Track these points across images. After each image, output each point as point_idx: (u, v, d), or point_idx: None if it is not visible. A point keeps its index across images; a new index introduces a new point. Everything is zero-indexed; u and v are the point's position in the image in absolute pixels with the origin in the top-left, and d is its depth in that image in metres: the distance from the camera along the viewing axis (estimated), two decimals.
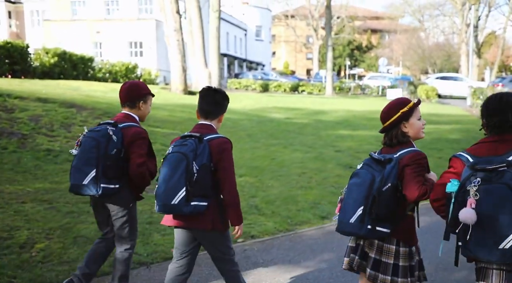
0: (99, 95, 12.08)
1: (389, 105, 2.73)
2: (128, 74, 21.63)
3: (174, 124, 10.07)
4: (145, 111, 3.25)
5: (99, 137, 2.99)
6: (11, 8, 42.84)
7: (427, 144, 11.34)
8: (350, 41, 65.09)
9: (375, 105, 20.67)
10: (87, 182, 2.96)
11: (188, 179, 2.64)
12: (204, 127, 2.92)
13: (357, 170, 2.61)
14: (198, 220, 2.77)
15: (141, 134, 3.10)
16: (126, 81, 3.31)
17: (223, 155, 2.79)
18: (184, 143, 2.74)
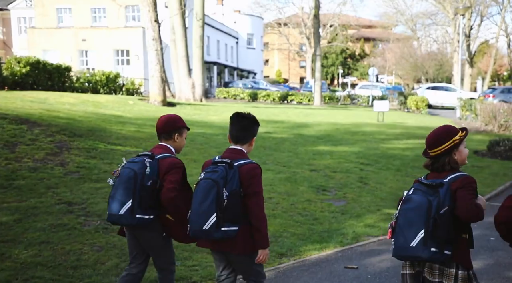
0: (64, 108, 11.45)
1: (439, 132, 2.83)
2: (110, 83, 20.97)
3: (138, 141, 9.43)
4: (181, 143, 3.37)
5: (137, 169, 3.08)
6: None
7: (409, 162, 10.77)
8: (343, 49, 64.83)
9: (362, 116, 20.15)
10: (124, 212, 3.06)
11: (219, 205, 2.76)
12: (235, 152, 3.04)
13: (409, 196, 2.70)
14: (229, 244, 2.89)
15: (176, 164, 3.17)
16: (163, 114, 3.46)
17: (253, 181, 2.88)
18: (215, 170, 2.85)
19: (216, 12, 50.97)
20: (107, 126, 10.15)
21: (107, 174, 7.26)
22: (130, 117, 12.15)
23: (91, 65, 32.79)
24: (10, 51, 41.57)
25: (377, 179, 9.07)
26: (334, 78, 67.24)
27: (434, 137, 2.81)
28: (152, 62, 16.22)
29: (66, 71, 18.15)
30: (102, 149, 8.32)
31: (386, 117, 19.19)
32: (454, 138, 2.76)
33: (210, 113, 16.34)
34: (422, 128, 17.19)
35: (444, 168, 2.76)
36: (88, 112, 11.53)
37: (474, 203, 2.61)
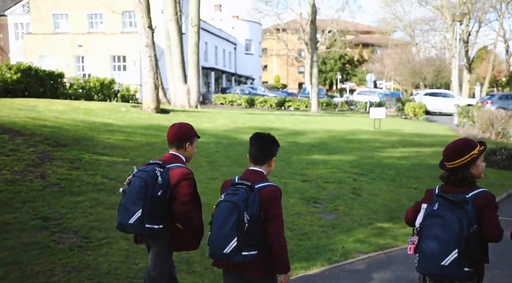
0: (52, 116, 11.21)
1: (458, 145, 2.83)
2: (104, 90, 20.75)
3: (126, 150, 9.19)
4: (191, 152, 3.36)
5: (148, 178, 3.08)
6: None
7: (404, 171, 10.53)
8: (341, 55, 64.76)
9: (358, 123, 19.92)
10: (133, 221, 3.08)
11: (240, 229, 2.75)
12: (254, 173, 3.01)
13: (436, 211, 2.67)
14: (247, 267, 2.86)
15: (187, 175, 3.16)
16: (175, 123, 3.44)
17: (272, 204, 2.87)
18: (236, 192, 2.83)
19: (214, 18, 50.89)
20: (95, 134, 9.92)
21: (89, 186, 7.03)
22: (120, 125, 11.92)
23: (87, 71, 32.62)
24: (7, 57, 41.38)
25: (370, 190, 8.83)
26: (332, 84, 67.13)
27: (452, 150, 2.83)
28: (145, 68, 16.01)
29: (59, 78, 17.93)
30: (86, 160, 8.08)
31: (383, 124, 18.97)
32: (472, 152, 2.78)
33: (204, 120, 16.12)
34: (419, 135, 16.98)
35: (462, 183, 2.77)
36: (76, 120, 11.30)
37: (499, 222, 2.67)
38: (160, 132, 12.01)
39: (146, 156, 9.22)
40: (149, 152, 9.52)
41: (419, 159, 12.05)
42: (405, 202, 8.22)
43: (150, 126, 12.72)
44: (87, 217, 5.83)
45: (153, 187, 3.06)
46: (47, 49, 32.87)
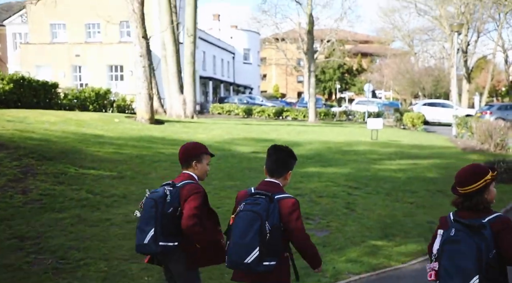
0: (41, 127, 11.00)
1: (471, 171, 2.83)
2: (99, 100, 20.58)
3: (114, 164, 8.96)
4: (202, 170, 3.37)
5: (157, 198, 3.14)
6: None
7: (400, 185, 10.29)
8: (340, 64, 64.76)
9: (356, 134, 19.71)
10: (147, 241, 3.11)
11: (262, 239, 2.77)
12: (271, 185, 3.04)
13: (453, 237, 2.66)
14: (265, 277, 2.89)
15: (195, 189, 3.19)
16: (184, 143, 3.51)
17: (293, 216, 2.91)
18: (257, 202, 2.86)
19: (213, 27, 50.91)
20: (83, 147, 9.70)
21: (73, 202, 6.80)
22: (111, 136, 11.71)
23: (84, 80, 32.48)
24: (5, 67, 41.33)
25: (365, 205, 8.59)
26: (332, 93, 67.07)
27: (466, 175, 2.82)
28: (139, 78, 15.85)
29: (53, 88, 17.75)
30: (72, 174, 7.85)
31: (381, 135, 18.76)
32: (486, 177, 2.79)
33: (199, 131, 15.91)
34: (417, 147, 16.75)
35: (478, 208, 2.78)
36: (66, 132, 11.09)
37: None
38: (151, 144, 11.80)
39: (135, 170, 9.01)
40: (138, 165, 9.30)
41: (416, 172, 11.81)
42: (400, 217, 7.98)
43: (142, 137, 12.50)
44: (67, 236, 5.60)
45: (163, 206, 3.12)
46: (44, 59, 32.76)
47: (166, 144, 12.07)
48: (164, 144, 12.05)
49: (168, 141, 12.62)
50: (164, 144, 12.10)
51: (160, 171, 9.31)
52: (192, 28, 20.52)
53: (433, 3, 50.00)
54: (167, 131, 14.64)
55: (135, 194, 7.67)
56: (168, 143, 12.44)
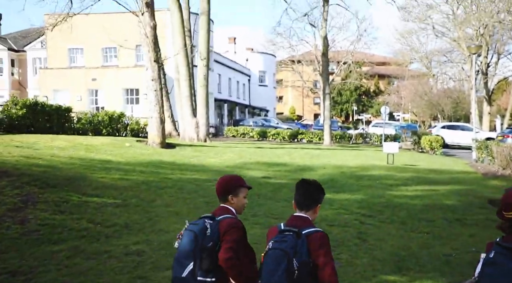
0: (49, 153, 10.92)
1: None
2: (113, 124, 20.60)
3: (119, 190, 8.76)
4: (239, 204, 3.37)
5: (197, 231, 3.14)
6: (14, 57, 43.16)
7: (416, 213, 9.85)
8: (357, 86, 64.47)
9: (371, 158, 19.26)
10: (186, 275, 3.11)
11: (289, 276, 2.78)
12: (300, 219, 3.04)
13: (492, 259, 2.65)
14: None
15: (234, 224, 3.19)
16: (222, 176, 3.48)
17: (321, 251, 2.90)
18: (284, 239, 2.88)
19: (229, 50, 51.31)
20: (89, 173, 9.54)
21: (72, 232, 6.59)
22: (119, 162, 11.55)
23: (100, 104, 32.79)
24: (25, 92, 42.13)
25: (378, 235, 8.19)
26: (349, 115, 66.63)
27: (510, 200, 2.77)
28: (151, 102, 15.81)
29: (66, 112, 17.81)
30: (74, 202, 7.66)
31: (398, 159, 18.30)
32: None
33: (210, 155, 15.69)
34: (435, 171, 16.23)
35: None
36: (74, 158, 10.98)
37: None
38: (160, 169, 11.61)
39: (140, 197, 8.80)
40: (143, 192, 9.09)
41: (433, 199, 11.34)
42: (415, 249, 7.55)
43: (151, 162, 12.33)
44: (60, 271, 5.35)
45: (203, 239, 3.11)
46: (62, 83, 33.24)
47: (175, 169, 11.87)
48: (173, 169, 11.85)
49: (177, 166, 12.42)
50: (173, 169, 11.90)
51: (166, 198, 9.07)
52: (205, 51, 20.54)
53: (451, 25, 49.63)
54: (177, 156, 14.47)
55: (138, 223, 7.44)
56: (177, 168, 12.24)
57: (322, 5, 26.85)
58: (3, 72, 42.71)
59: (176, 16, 20.37)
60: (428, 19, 50.45)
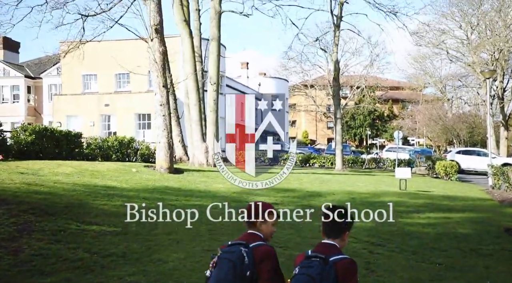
0: (53, 180, 10.81)
1: None
2: (122, 149, 20.57)
3: (120, 218, 8.55)
4: (267, 231, 3.35)
5: (235, 259, 3.09)
6: (30, 84, 43.96)
7: (428, 242, 9.45)
8: (371, 110, 64.14)
9: (384, 183, 18.85)
10: None
11: None
12: (327, 246, 3.03)
13: None
14: None
15: (270, 252, 3.19)
16: (251, 202, 3.51)
17: (348, 278, 2.88)
18: (310, 265, 2.88)
19: (242, 75, 51.63)
20: (91, 200, 9.38)
21: (66, 263, 6.36)
22: (124, 188, 11.38)
23: (113, 129, 33.00)
24: (40, 118, 42.73)
25: (386, 265, 7.81)
26: (363, 140, 66.14)
27: None
28: (159, 127, 15.74)
29: (76, 138, 17.82)
30: (72, 230, 7.47)
31: (411, 184, 17.87)
32: None
33: (217, 180, 15.43)
34: (449, 198, 15.76)
35: None
36: (77, 184, 10.85)
37: None
38: (164, 195, 11.41)
39: (140, 224, 8.56)
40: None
41: (446, 227, 10.91)
42: (427, 281, 7.16)
43: (156, 188, 12.14)
44: None
45: (241, 268, 3.08)
46: (75, 109, 33.61)
47: (180, 195, 11.66)
48: (177, 195, 11.64)
49: (183, 192, 12.21)
50: (178, 195, 11.70)
51: (168, 226, 8.82)
52: (215, 76, 20.55)
53: (465, 50, 49.34)
54: (184, 181, 14.28)
55: (136, 252, 7.20)
56: (182, 194, 12.03)
57: (333, 30, 26.89)
58: (20, 99, 43.45)
59: (186, 41, 20.51)
60: (442, 44, 50.28)
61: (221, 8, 20.99)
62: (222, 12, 21.13)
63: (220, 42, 21.01)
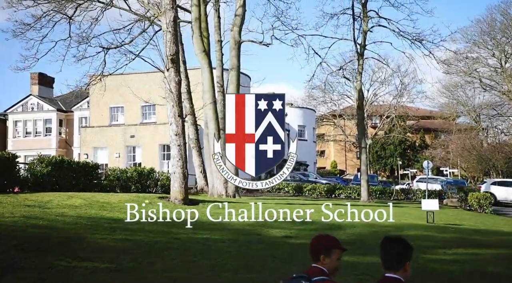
0: (58, 212, 10.55)
1: None
2: (142, 180, 20.38)
3: (117, 254, 8.10)
4: (331, 265, 3.32)
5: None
6: (62, 117, 45.05)
7: (453, 281, 8.59)
8: (401, 140, 62.70)
9: (410, 216, 17.85)
10: None
11: None
12: (391, 281, 3.03)
13: None
14: None
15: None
16: (316, 235, 3.48)
17: None
18: None
19: None
20: (90, 234, 8.99)
21: None
22: (129, 221, 10.96)
23: (138, 160, 33.10)
24: (70, 150, 43.56)
25: None
26: (394, 170, 64.46)
27: None
28: (174, 158, 15.44)
29: (93, 169, 17.72)
30: (61, 267, 7.05)
31: (440, 217, 16.86)
32: None
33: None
34: (480, 232, 14.67)
35: None
36: (82, 217, 10.53)
37: None
38: (172, 228, 10.94)
39: (138, 260, 8.09)
40: (144, 255, 8.38)
41: (475, 265, 9.99)
42: None
43: (165, 222, 11.67)
44: None
45: None
46: (101, 141, 33.99)
47: (188, 228, 11.16)
48: (185, 228, 11.15)
49: (192, 224, 11.71)
50: (185, 228, 11.20)
51: (168, 261, 8.33)
52: None
53: (499, 78, 47.93)
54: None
55: None
56: (194, 227, 11.53)
57: (356, 58, 26.44)
58: (52, 132, 44.51)
59: (205, 71, 20.45)
60: (474, 73, 49.03)
61: (240, 38, 20.93)
62: (241, 42, 21.05)
63: (239, 71, 20.87)
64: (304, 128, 51.86)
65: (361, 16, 26.48)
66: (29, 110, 44.92)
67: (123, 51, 20.17)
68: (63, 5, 20.99)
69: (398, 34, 26.31)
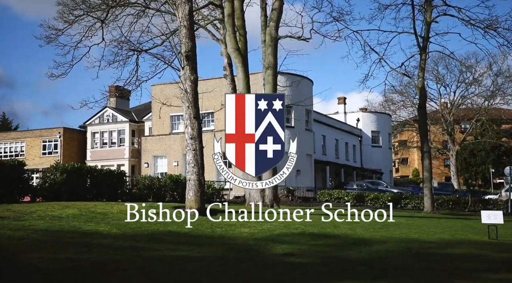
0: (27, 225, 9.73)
1: None
2: (178, 188, 19.44)
3: (41, 278, 6.88)
4: None
5: None
6: (134, 128, 46.24)
7: None
8: (495, 145, 56.70)
9: (471, 230, 14.97)
10: None
11: None
12: None
13: None
14: None
15: None
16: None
17: None
18: None
19: (339, 111, 49.16)
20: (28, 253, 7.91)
21: None
22: (111, 234, 9.84)
23: None
24: (140, 158, 44.54)
25: None
26: (487, 179, 58.42)
27: None
28: (189, 163, 14.24)
29: (118, 177, 17.03)
30: None
31: (506, 232, 13.94)
32: None
33: (250, 223, 13.22)
34: None
35: None
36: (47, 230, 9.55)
37: None
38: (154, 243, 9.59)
39: None
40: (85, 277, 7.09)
41: None
42: None
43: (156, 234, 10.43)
44: None
45: None
46: (161, 149, 34.02)
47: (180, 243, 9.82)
48: (174, 243, 9.86)
49: (187, 239, 10.38)
50: (177, 243, 9.91)
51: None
52: None
53: None
54: (204, 225, 12.39)
55: None
56: (184, 241, 10.14)
57: (419, 53, 23.58)
58: (125, 143, 45.89)
59: (239, 70, 19.21)
60: None
61: (277, 34, 19.37)
62: (279, 38, 19.48)
63: (276, 70, 19.28)
64: (378, 134, 48.60)
65: (424, 5, 23.70)
66: (105, 121, 46.73)
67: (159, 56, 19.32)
68: (103, 10, 20.91)
69: (468, 23, 23.11)
